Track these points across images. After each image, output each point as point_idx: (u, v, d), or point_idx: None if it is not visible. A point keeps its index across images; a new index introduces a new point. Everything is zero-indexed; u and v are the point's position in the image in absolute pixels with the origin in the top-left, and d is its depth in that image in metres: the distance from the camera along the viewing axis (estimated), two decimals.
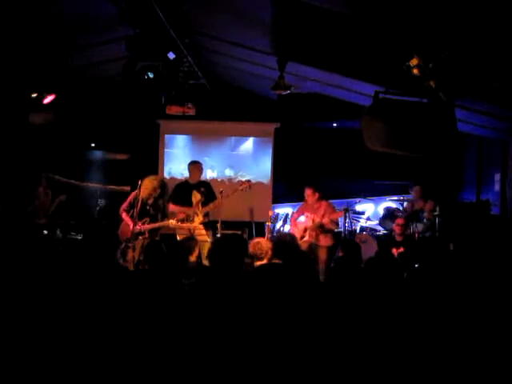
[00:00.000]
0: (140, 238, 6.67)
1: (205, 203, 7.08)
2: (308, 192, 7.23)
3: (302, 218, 7.33)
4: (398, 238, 7.23)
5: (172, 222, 6.77)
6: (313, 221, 7.08)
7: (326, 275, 6.23)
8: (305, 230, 7.15)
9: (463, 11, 3.93)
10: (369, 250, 7.28)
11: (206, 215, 7.12)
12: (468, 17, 3.99)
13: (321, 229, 7.02)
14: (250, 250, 4.95)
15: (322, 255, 6.90)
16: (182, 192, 7.26)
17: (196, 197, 7.11)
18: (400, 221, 7.34)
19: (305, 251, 6.25)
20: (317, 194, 7.21)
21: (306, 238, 7.08)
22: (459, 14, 3.99)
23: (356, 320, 2.93)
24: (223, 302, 2.85)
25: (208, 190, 7.23)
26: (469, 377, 2.65)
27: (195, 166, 7.47)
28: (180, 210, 7.08)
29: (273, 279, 3.14)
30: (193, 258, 5.31)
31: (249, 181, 7.45)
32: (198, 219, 6.99)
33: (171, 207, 7.20)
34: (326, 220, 6.99)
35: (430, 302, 3.67)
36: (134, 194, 6.86)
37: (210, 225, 7.13)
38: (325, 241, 7.04)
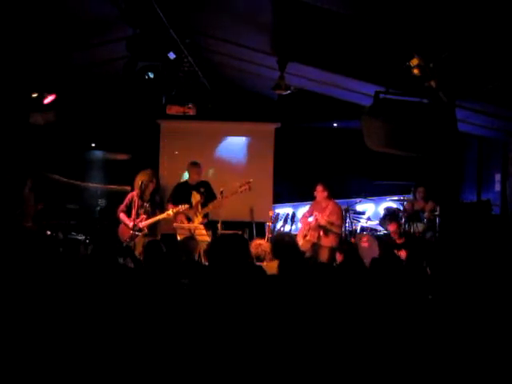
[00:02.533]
0: (140, 234, 6.71)
1: (204, 203, 7.09)
2: (318, 188, 7.28)
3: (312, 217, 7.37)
4: (399, 241, 7.22)
5: (170, 214, 6.79)
6: (316, 220, 7.10)
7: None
8: (309, 229, 7.18)
9: (463, 11, 3.93)
10: (370, 251, 7.30)
11: (205, 215, 7.14)
12: (468, 17, 3.99)
13: (321, 229, 7.04)
14: (252, 251, 4.97)
15: (324, 256, 6.91)
16: (181, 193, 7.27)
17: (195, 197, 7.13)
18: (391, 227, 7.29)
19: (304, 251, 6.27)
20: (326, 192, 7.24)
21: (308, 238, 7.10)
22: (459, 14, 3.99)
23: (358, 320, 2.93)
24: (222, 302, 2.85)
25: (207, 190, 7.24)
26: (471, 376, 2.65)
27: (194, 167, 7.46)
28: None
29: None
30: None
31: (249, 182, 7.41)
32: (198, 219, 7.00)
33: (171, 208, 7.21)
34: (323, 221, 7.01)
35: (431, 301, 3.67)
36: (130, 195, 6.95)
37: (210, 225, 7.13)
38: (327, 241, 7.05)
